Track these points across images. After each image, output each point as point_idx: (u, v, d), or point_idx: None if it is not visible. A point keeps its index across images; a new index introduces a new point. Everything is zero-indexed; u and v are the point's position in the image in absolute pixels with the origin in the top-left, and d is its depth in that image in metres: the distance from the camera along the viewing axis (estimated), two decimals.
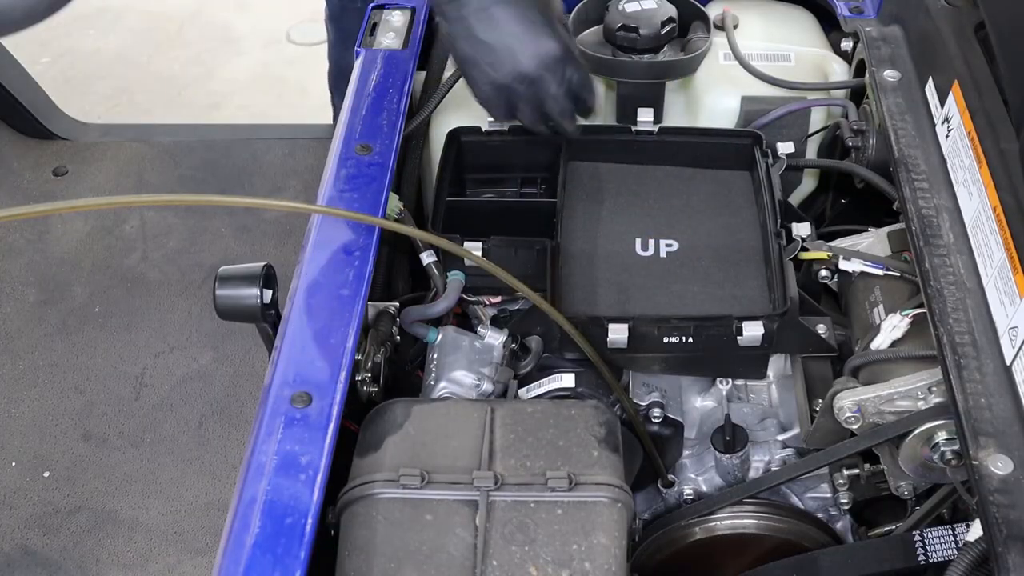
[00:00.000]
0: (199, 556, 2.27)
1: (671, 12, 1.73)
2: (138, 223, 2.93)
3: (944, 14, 1.57)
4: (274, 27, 3.88)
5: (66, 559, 2.26)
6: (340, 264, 1.38)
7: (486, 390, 1.41)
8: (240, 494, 1.15)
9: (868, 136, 1.65)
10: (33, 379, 2.58)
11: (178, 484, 2.39)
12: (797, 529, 1.43)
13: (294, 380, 1.25)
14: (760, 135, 1.64)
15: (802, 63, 1.80)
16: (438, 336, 1.45)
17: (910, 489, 1.38)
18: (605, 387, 1.42)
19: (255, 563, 1.08)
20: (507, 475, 1.19)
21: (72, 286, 2.79)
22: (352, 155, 1.52)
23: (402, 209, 1.54)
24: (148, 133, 3.24)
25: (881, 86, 1.60)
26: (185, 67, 3.74)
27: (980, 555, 1.13)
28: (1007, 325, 1.21)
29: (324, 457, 1.17)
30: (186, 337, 2.68)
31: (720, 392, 1.50)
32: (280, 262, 1.55)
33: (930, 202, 1.41)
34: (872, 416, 1.32)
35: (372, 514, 1.17)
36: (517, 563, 1.13)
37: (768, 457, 1.48)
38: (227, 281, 1.44)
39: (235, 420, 2.51)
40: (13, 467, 2.41)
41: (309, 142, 3.15)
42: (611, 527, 1.17)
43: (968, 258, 1.33)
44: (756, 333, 1.40)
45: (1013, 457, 1.13)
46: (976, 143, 1.36)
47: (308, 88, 3.50)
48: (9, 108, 3.08)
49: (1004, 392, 1.19)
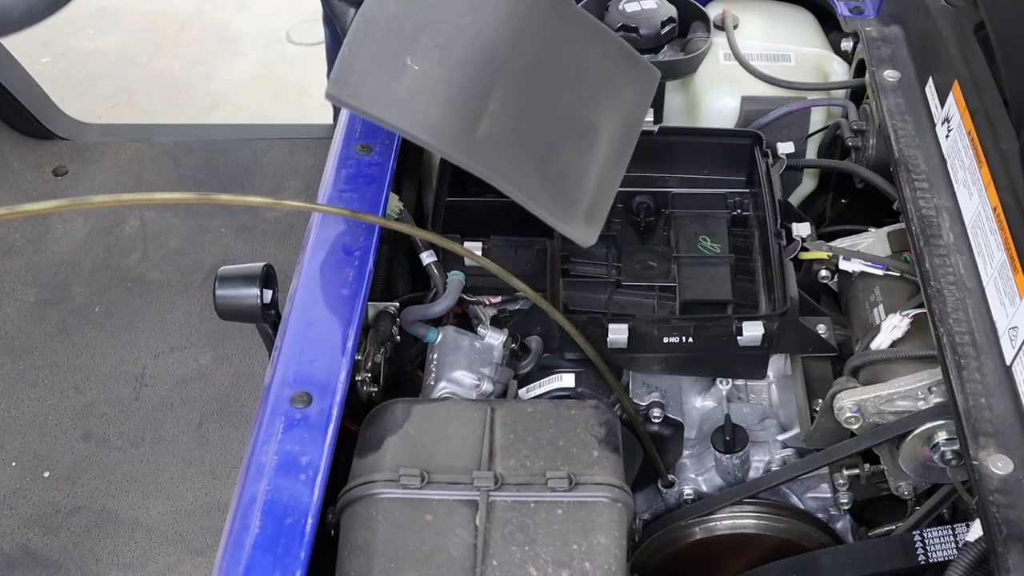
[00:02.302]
0: (199, 556, 2.27)
1: (671, 12, 1.73)
2: (138, 223, 2.93)
3: (944, 14, 1.57)
4: (274, 27, 3.88)
5: (66, 559, 2.26)
6: (340, 264, 1.38)
7: (486, 390, 1.41)
8: (240, 494, 1.15)
9: (868, 136, 1.65)
10: (33, 379, 2.58)
11: (178, 484, 2.39)
12: (797, 529, 1.43)
13: (294, 380, 1.25)
14: (760, 135, 1.64)
15: (802, 63, 1.80)
16: (438, 336, 1.45)
17: (910, 489, 1.38)
18: (605, 387, 1.42)
19: (255, 563, 1.08)
20: (507, 475, 1.19)
21: (72, 286, 2.79)
22: (352, 155, 1.52)
23: (402, 209, 1.54)
24: (148, 133, 3.24)
25: (881, 86, 1.60)
26: (185, 67, 3.74)
27: (980, 555, 1.14)
28: (1007, 325, 1.21)
29: (324, 457, 1.17)
30: (186, 337, 2.67)
31: (720, 392, 1.50)
32: (280, 262, 1.55)
33: (930, 202, 1.41)
34: (872, 416, 1.32)
35: (372, 514, 1.17)
36: (517, 563, 1.13)
37: (768, 457, 1.48)
38: (227, 281, 1.44)
39: (235, 420, 2.50)
40: (13, 467, 2.41)
41: (309, 142, 3.14)
42: (611, 527, 1.17)
43: (968, 258, 1.33)
44: (756, 333, 1.40)
45: (1013, 457, 1.13)
46: (976, 143, 1.36)
47: (308, 88, 3.50)
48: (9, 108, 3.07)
49: (1004, 392, 1.19)
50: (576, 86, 1.34)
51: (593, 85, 1.35)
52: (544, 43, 1.32)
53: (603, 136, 1.32)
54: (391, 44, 1.21)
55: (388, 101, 1.19)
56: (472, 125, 1.21)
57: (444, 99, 1.21)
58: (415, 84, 1.19)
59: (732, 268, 1.54)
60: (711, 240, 1.58)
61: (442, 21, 1.23)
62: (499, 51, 1.26)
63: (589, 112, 1.32)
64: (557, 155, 1.27)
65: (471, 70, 1.23)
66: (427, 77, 1.20)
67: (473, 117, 1.21)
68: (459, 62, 1.22)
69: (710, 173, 1.66)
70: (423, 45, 1.21)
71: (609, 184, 1.32)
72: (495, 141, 1.22)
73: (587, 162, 1.29)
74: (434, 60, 1.21)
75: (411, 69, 1.18)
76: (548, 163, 1.25)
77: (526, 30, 1.30)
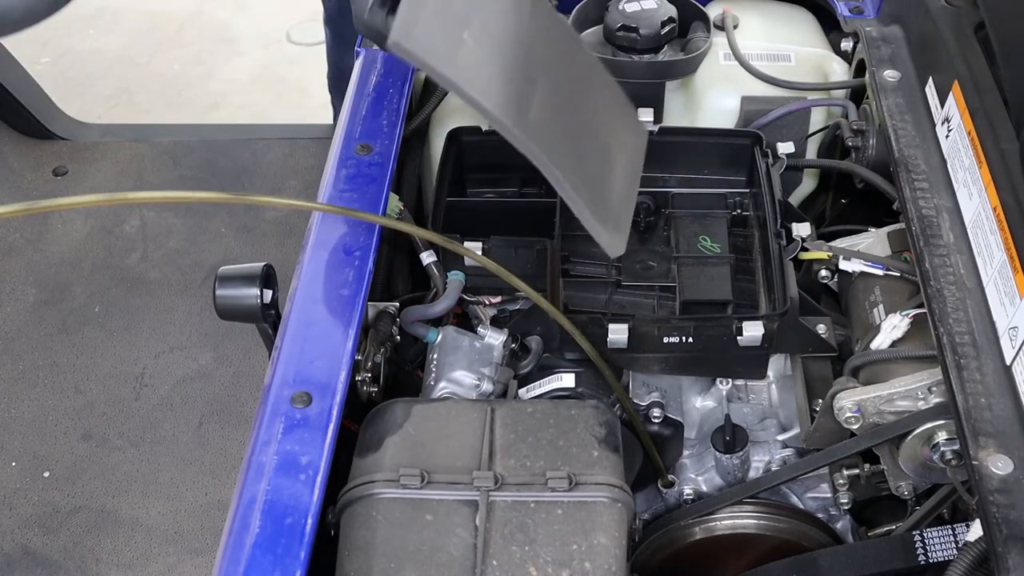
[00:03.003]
0: (199, 556, 2.27)
1: (671, 12, 1.73)
2: (138, 223, 2.93)
3: (944, 14, 1.57)
4: (274, 27, 3.88)
5: (66, 559, 2.26)
6: (340, 264, 1.38)
7: (486, 390, 1.41)
8: (240, 494, 1.15)
9: (868, 136, 1.65)
10: (33, 379, 2.58)
11: (178, 484, 2.39)
12: (797, 529, 1.43)
13: (294, 380, 1.25)
14: (760, 135, 1.64)
15: (802, 63, 1.80)
16: (438, 336, 1.45)
17: (910, 489, 1.38)
18: (605, 387, 1.42)
19: (255, 563, 1.08)
20: (507, 475, 1.19)
21: (72, 286, 2.79)
22: (352, 155, 1.52)
23: (402, 209, 1.54)
24: (148, 133, 3.24)
25: (881, 86, 1.60)
26: (185, 67, 3.74)
27: (980, 555, 1.14)
28: (1007, 325, 1.21)
29: (324, 457, 1.17)
30: (186, 337, 2.67)
31: (720, 392, 1.50)
32: (280, 262, 1.55)
33: (930, 202, 1.41)
34: (872, 416, 1.32)
35: (372, 514, 1.17)
36: (517, 563, 1.13)
37: (768, 457, 1.48)
38: (227, 281, 1.44)
39: (235, 420, 2.51)
40: (13, 467, 2.41)
41: (309, 142, 3.14)
42: (611, 527, 1.17)
43: (968, 258, 1.33)
44: (756, 333, 1.40)
45: (1013, 457, 1.13)
46: (976, 143, 1.36)
47: (308, 88, 3.50)
48: (9, 108, 3.07)
49: (1004, 392, 1.19)
50: (592, 112, 1.34)
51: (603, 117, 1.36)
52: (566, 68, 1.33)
53: (618, 159, 1.32)
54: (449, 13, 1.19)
55: (452, 61, 1.16)
56: (526, 106, 1.19)
57: (500, 75, 1.19)
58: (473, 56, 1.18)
59: (732, 268, 1.54)
60: (711, 240, 1.58)
61: (488, 14, 1.23)
62: (538, 58, 1.26)
63: (605, 135, 1.33)
64: (590, 158, 1.27)
65: (517, 63, 1.23)
66: (483, 54, 1.19)
67: (526, 101, 1.20)
68: (507, 53, 1.22)
69: (710, 173, 1.66)
70: (475, 27, 1.20)
71: (628, 199, 1.31)
72: (544, 127, 1.20)
73: (612, 171, 1.29)
74: (485, 42, 1.20)
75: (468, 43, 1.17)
76: (584, 163, 1.25)
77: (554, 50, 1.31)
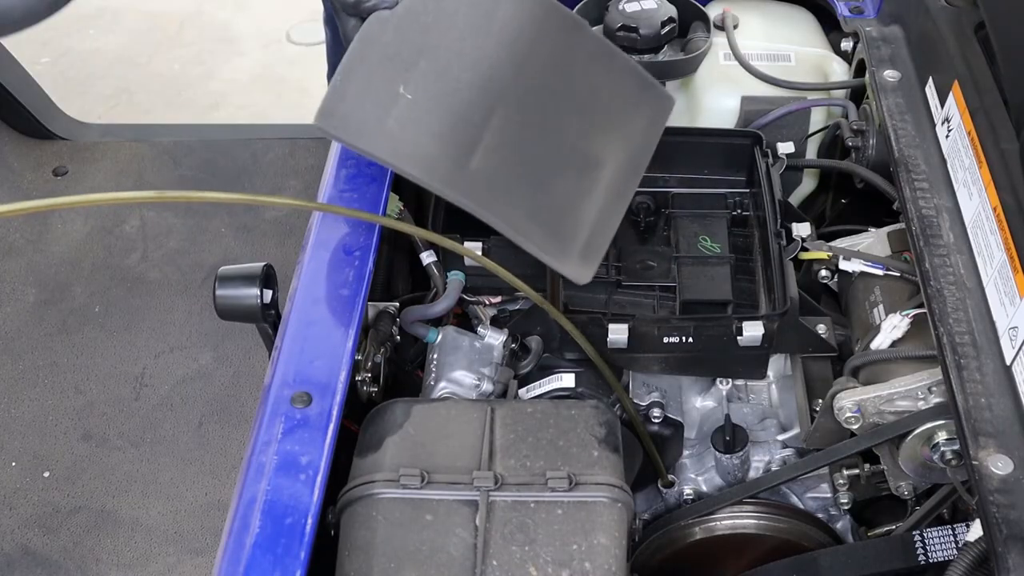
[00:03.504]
0: (199, 556, 2.27)
1: (671, 12, 1.73)
2: (138, 223, 2.93)
3: (944, 14, 1.57)
4: (274, 27, 3.88)
5: (66, 559, 2.26)
6: (340, 264, 1.38)
7: (486, 390, 1.41)
8: (240, 494, 1.15)
9: (868, 136, 1.65)
10: (33, 379, 2.58)
11: (178, 484, 2.39)
12: (797, 529, 1.43)
13: (294, 380, 1.25)
14: (760, 135, 1.64)
15: (802, 63, 1.80)
16: (438, 336, 1.45)
17: (910, 489, 1.38)
18: (605, 387, 1.42)
19: (255, 563, 1.08)
20: (507, 475, 1.19)
21: (72, 286, 2.79)
22: (352, 155, 1.52)
23: (402, 209, 1.54)
24: (148, 133, 3.24)
25: (881, 86, 1.60)
26: (185, 67, 3.73)
27: (980, 555, 1.13)
28: (1007, 325, 1.21)
29: (324, 457, 1.17)
30: (186, 337, 2.67)
31: (720, 392, 1.51)
32: (280, 262, 1.55)
33: (930, 202, 1.41)
34: (872, 416, 1.32)
35: (372, 514, 1.17)
36: (517, 563, 1.13)
37: (768, 457, 1.48)
38: (227, 281, 1.44)
39: (235, 420, 2.50)
40: (13, 467, 2.41)
41: (309, 142, 3.14)
42: (611, 527, 1.17)
43: (968, 258, 1.33)
44: (756, 333, 1.40)
45: (1013, 457, 1.13)
46: (976, 143, 1.36)
47: (308, 88, 3.50)
48: (9, 108, 3.07)
49: (1004, 392, 1.19)
50: (582, 114, 1.31)
51: (601, 113, 1.33)
52: (552, 68, 1.30)
53: (607, 169, 1.30)
54: (386, 71, 1.18)
55: (376, 132, 1.17)
56: (465, 157, 1.19)
57: (436, 130, 1.19)
58: (407, 114, 1.17)
59: (732, 268, 1.54)
60: (711, 240, 1.58)
61: (442, 46, 1.21)
62: (501, 77, 1.24)
63: (594, 143, 1.30)
64: (555, 188, 1.25)
65: (468, 97, 1.21)
66: (420, 106, 1.18)
67: (466, 149, 1.19)
68: (456, 89, 1.20)
69: (710, 173, 1.66)
70: (420, 71, 1.18)
71: (609, 220, 1.30)
72: (489, 174, 1.20)
73: (587, 196, 1.27)
74: (430, 88, 1.19)
75: (404, 98, 1.16)
76: (544, 197, 1.24)
77: (533, 54, 1.28)
